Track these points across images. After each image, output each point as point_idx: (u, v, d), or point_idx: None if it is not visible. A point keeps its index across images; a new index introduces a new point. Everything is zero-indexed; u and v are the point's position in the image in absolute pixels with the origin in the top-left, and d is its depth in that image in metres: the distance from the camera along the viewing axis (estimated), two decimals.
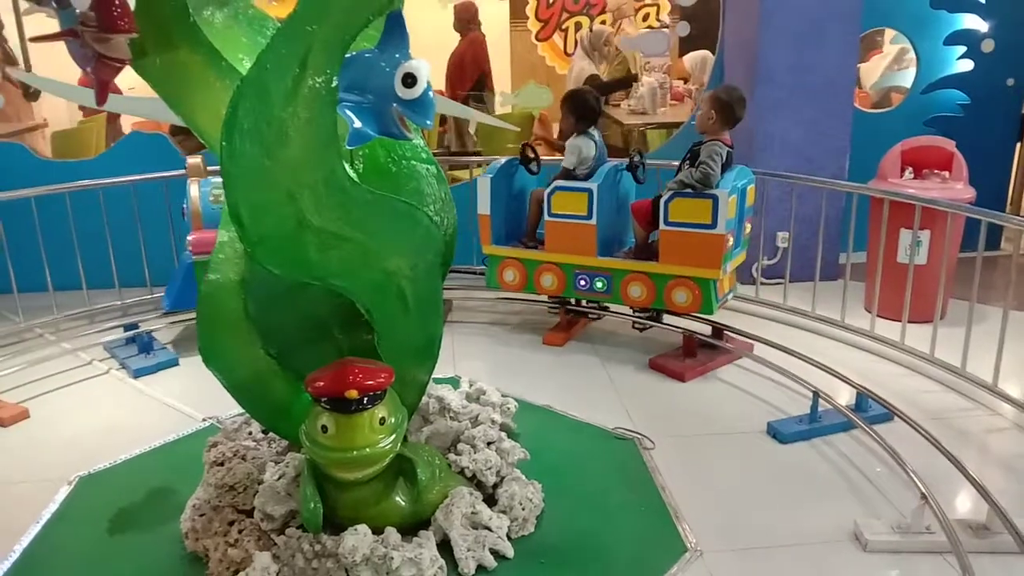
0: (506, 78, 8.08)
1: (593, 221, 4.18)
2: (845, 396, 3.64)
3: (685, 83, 7.31)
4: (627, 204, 4.51)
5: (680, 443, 3.42)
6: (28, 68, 6.79)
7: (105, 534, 2.84)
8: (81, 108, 6.64)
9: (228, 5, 2.44)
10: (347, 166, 2.30)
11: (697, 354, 4.13)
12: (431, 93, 2.13)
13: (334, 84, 2.04)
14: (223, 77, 2.29)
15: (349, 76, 2.10)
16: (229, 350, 2.67)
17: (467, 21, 6.83)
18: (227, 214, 2.61)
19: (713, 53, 5.97)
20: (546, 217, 4.29)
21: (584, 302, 4.58)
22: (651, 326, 4.45)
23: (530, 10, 7.57)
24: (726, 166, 4.03)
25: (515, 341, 4.57)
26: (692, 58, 6.95)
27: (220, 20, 2.41)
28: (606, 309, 4.66)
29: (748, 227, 4.35)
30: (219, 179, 4.07)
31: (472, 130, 6.46)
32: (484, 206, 4.45)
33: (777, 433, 3.38)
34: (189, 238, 4.31)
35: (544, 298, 4.72)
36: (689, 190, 3.96)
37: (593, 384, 3.98)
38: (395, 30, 2.10)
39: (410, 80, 2.06)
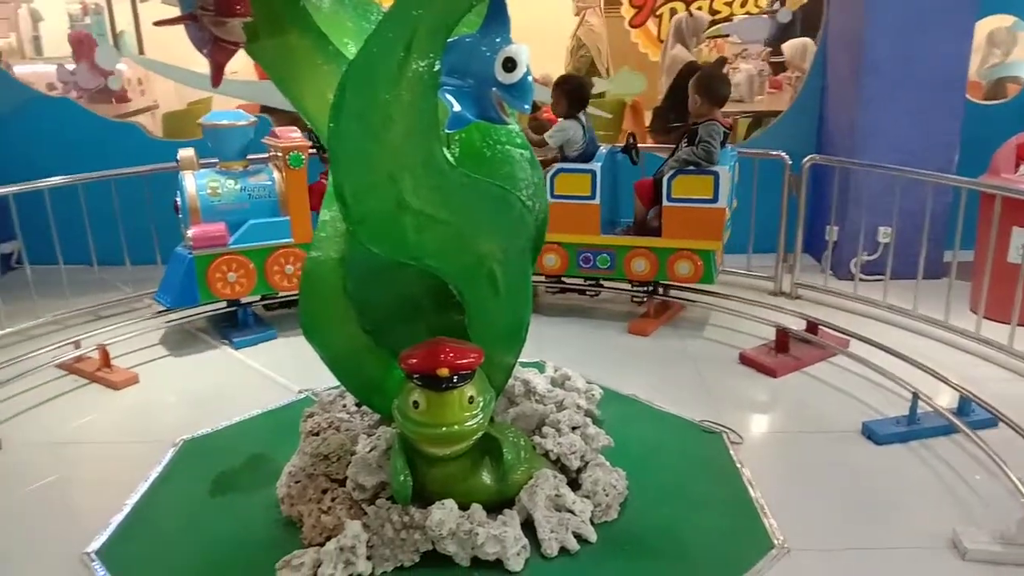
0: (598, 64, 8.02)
1: (596, 201, 4.38)
2: (946, 399, 3.49)
3: (785, 72, 7.09)
4: (622, 185, 4.73)
5: (770, 439, 3.36)
6: (141, 52, 7.18)
7: (206, 495, 3.00)
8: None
9: None
10: (445, 150, 2.34)
11: (790, 349, 4.03)
12: (530, 78, 2.14)
13: (436, 68, 2.08)
14: (330, 61, 2.37)
15: (450, 60, 2.14)
16: (328, 325, 2.77)
17: None
18: (331, 193, 2.70)
19: (815, 41, 5.78)
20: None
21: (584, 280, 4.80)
22: (649, 299, 4.66)
23: None
24: (722, 145, 4.27)
25: (601, 329, 4.56)
26: (792, 46, 6.72)
27: (327, 5, 2.48)
28: (601, 286, 4.85)
29: (735, 203, 4.60)
30: (214, 172, 4.23)
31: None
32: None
33: (872, 434, 3.27)
34: (189, 233, 4.21)
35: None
36: (691, 167, 4.20)
37: (680, 375, 3.93)
38: (497, 15, 2.13)
39: (510, 64, 2.08)
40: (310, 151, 4.47)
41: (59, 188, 4.62)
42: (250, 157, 4.52)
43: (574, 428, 2.95)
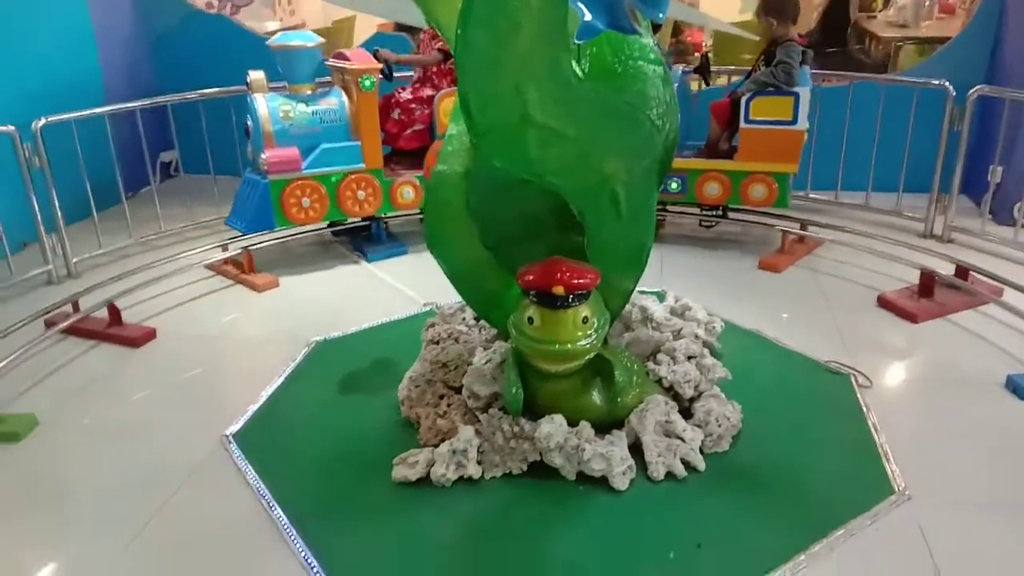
0: None
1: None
2: None
3: None
4: (692, 106, 4.63)
5: (902, 386, 3.19)
6: None
7: (334, 392, 3.19)
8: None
9: None
10: (574, 63, 2.29)
11: (935, 295, 3.76)
12: None
13: None
14: None
15: None
16: (451, 240, 2.82)
17: None
18: (458, 106, 2.71)
19: None
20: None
21: None
22: (718, 222, 4.67)
23: None
24: (802, 63, 4.21)
25: (729, 262, 4.42)
26: None
27: None
28: (724, 216, 4.71)
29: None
30: (284, 95, 4.16)
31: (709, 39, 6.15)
32: None
33: (1017, 388, 3.03)
34: (264, 156, 4.14)
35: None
36: (771, 89, 4.16)
37: (810, 314, 3.77)
38: None
39: None
40: (382, 72, 4.40)
41: (211, 100, 4.88)
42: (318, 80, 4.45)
43: (690, 358, 2.91)
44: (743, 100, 4.23)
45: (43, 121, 4.21)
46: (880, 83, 4.97)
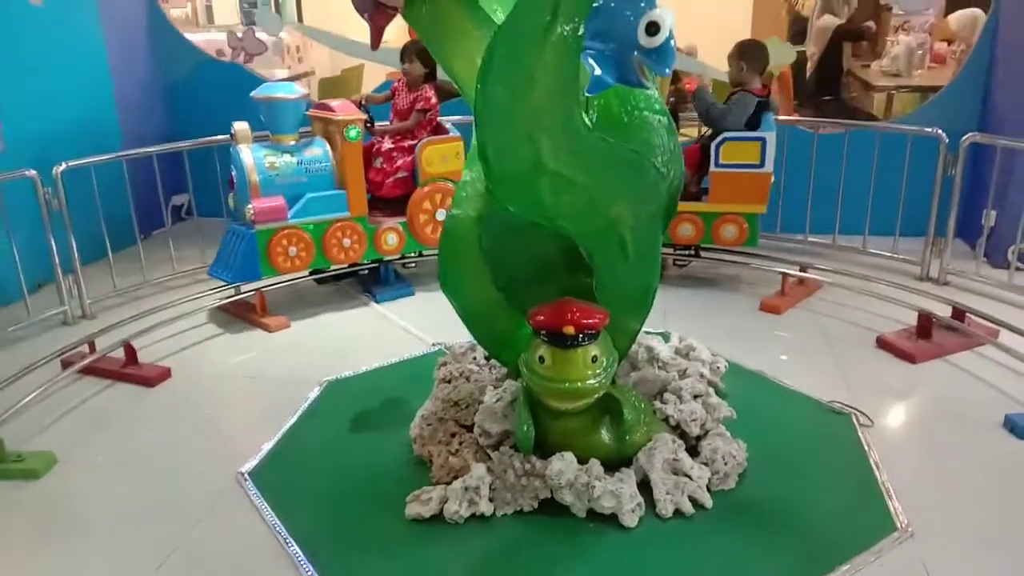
0: (746, 31, 7.78)
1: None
2: None
3: (949, 45, 6.63)
4: None
5: (902, 425, 3.25)
6: (300, 20, 7.61)
7: (346, 430, 3.26)
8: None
9: None
10: (584, 114, 2.41)
11: (933, 336, 3.85)
12: (672, 42, 2.17)
13: (580, 32, 2.15)
14: (479, 26, 2.48)
15: (594, 24, 2.19)
16: (463, 280, 2.92)
17: None
18: (474, 153, 2.83)
19: (986, 12, 5.38)
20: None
21: None
22: (691, 262, 4.89)
23: None
24: (762, 111, 4.44)
25: (731, 304, 4.51)
26: (960, 17, 6.27)
27: None
28: (696, 256, 4.88)
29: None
30: (268, 145, 4.24)
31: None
32: None
33: (1015, 427, 3.10)
34: (250, 206, 4.16)
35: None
36: (738, 134, 4.40)
37: (811, 355, 3.85)
38: None
39: (653, 28, 2.12)
40: (366, 124, 4.49)
41: (224, 145, 5.01)
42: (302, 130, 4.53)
43: (696, 396, 2.98)
44: (713, 145, 4.42)
45: (64, 166, 4.33)
46: (875, 131, 5.12)
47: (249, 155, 4.25)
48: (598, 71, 2.25)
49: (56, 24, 5.11)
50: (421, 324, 4.27)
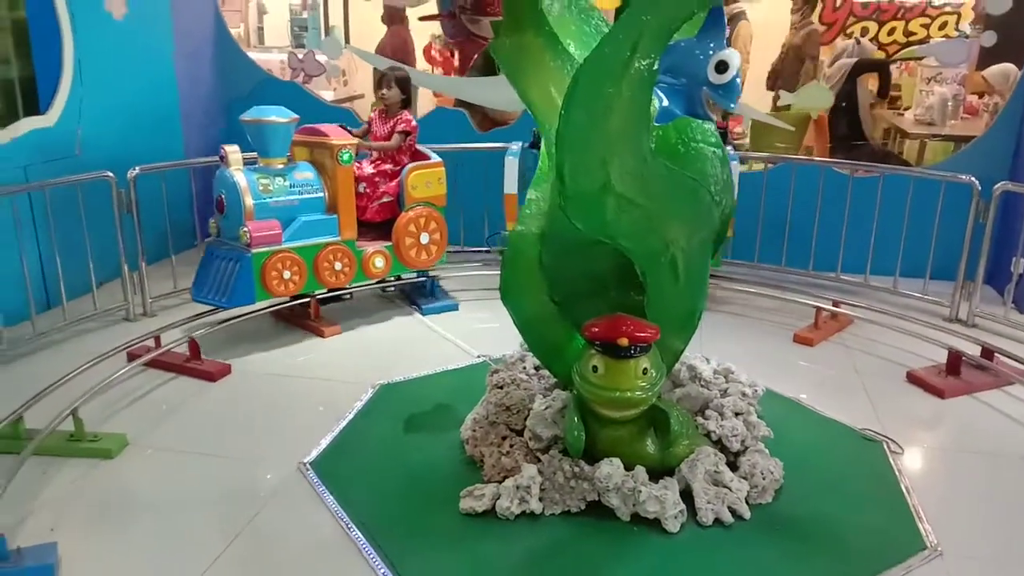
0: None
1: None
2: None
3: (980, 97, 6.82)
4: None
5: (931, 454, 3.38)
6: (347, 42, 7.94)
7: (400, 430, 3.44)
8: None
9: None
10: (650, 142, 2.61)
11: (961, 374, 3.98)
12: (739, 80, 2.38)
13: (655, 67, 2.35)
14: (557, 58, 2.70)
15: (667, 61, 2.41)
16: (522, 291, 3.11)
17: None
18: (540, 174, 3.04)
19: (1019, 67, 5.57)
20: None
21: None
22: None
23: (814, 14, 7.39)
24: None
25: (765, 334, 4.67)
26: (995, 71, 6.46)
27: (556, 9, 2.82)
28: None
29: None
30: (259, 168, 4.30)
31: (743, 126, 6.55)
32: (512, 186, 4.79)
33: None
34: (245, 229, 4.12)
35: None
36: None
37: (843, 387, 3.99)
38: (715, 23, 2.38)
39: (722, 67, 2.33)
40: (358, 149, 4.58)
41: None
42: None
43: (737, 414, 3.13)
44: None
45: (137, 170, 4.58)
46: (910, 176, 5.29)
47: (243, 178, 4.21)
48: (666, 103, 2.46)
49: (133, 37, 5.41)
50: (465, 337, 4.45)
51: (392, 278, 4.89)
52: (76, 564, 2.56)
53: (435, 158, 4.83)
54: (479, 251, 5.68)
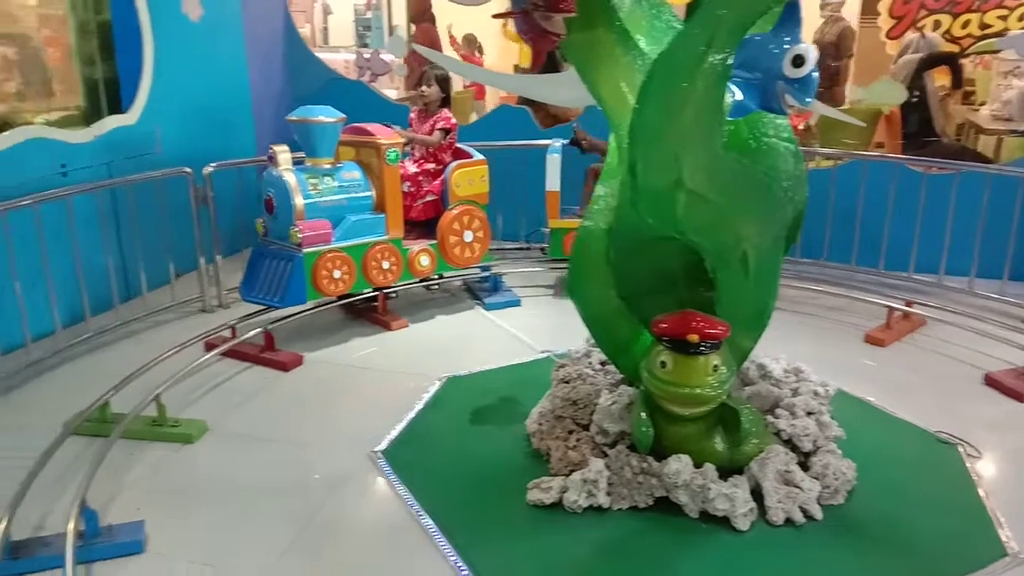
0: (847, 73, 7.83)
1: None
2: None
3: None
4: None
5: (1011, 458, 3.28)
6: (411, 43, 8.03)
7: (466, 423, 3.49)
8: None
9: None
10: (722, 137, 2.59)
11: None
12: (815, 75, 2.35)
13: (729, 62, 2.34)
14: (628, 54, 2.70)
15: (742, 55, 2.39)
16: (590, 287, 3.12)
17: None
18: (608, 169, 3.05)
19: None
20: None
21: None
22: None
23: (883, 6, 7.21)
24: None
25: (834, 334, 4.58)
26: None
27: (627, 5, 2.82)
28: None
29: None
30: (307, 168, 4.29)
31: (813, 121, 6.42)
32: (554, 183, 4.84)
33: None
34: (296, 229, 4.13)
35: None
36: None
37: (917, 388, 3.89)
38: (791, 17, 2.35)
39: (799, 61, 2.31)
40: (405, 147, 4.62)
41: None
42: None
43: (809, 413, 3.08)
44: None
45: (212, 167, 4.74)
46: (987, 173, 5.12)
47: (293, 178, 4.23)
48: (740, 97, 2.45)
49: (208, 39, 5.60)
50: (528, 332, 4.48)
51: (436, 276, 4.90)
52: (160, 542, 2.67)
53: (478, 156, 4.85)
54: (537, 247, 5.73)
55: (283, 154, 4.26)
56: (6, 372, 3.80)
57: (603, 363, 3.51)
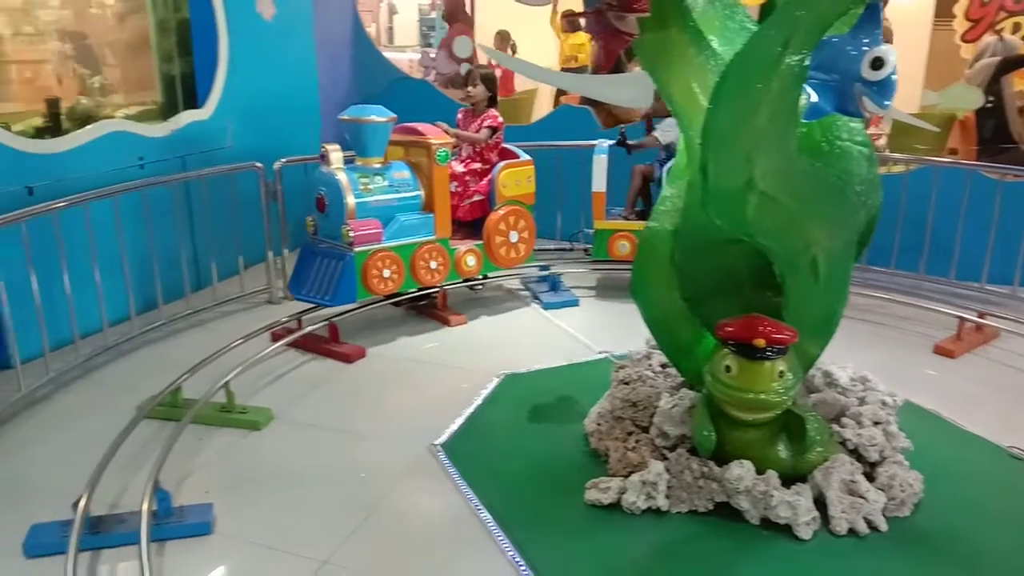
0: (919, 76, 7.62)
1: None
2: None
3: None
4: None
5: None
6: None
7: (524, 420, 3.51)
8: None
9: None
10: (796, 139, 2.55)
11: None
12: (894, 77, 2.30)
13: (806, 64, 2.31)
14: (701, 54, 2.68)
15: (819, 57, 2.36)
16: (653, 288, 3.11)
17: None
18: (676, 170, 3.04)
19: None
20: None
21: None
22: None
23: (959, 8, 6.97)
24: None
25: (902, 344, 4.47)
26: None
27: (700, 5, 2.79)
28: None
29: None
30: (357, 167, 4.30)
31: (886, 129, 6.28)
32: (600, 184, 4.85)
33: None
34: (348, 228, 4.13)
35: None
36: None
37: (988, 402, 3.77)
38: (871, 19, 2.31)
39: (878, 63, 2.26)
40: (453, 148, 4.63)
41: None
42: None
43: (876, 423, 3.02)
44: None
45: (282, 162, 4.86)
46: None
47: (345, 177, 4.23)
48: (815, 99, 2.41)
49: (280, 37, 5.74)
50: (586, 333, 4.48)
51: (480, 277, 4.90)
52: (226, 524, 2.76)
53: (524, 156, 4.84)
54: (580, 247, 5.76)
55: (335, 153, 4.28)
56: (85, 355, 3.96)
57: (664, 365, 3.49)
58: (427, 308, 4.77)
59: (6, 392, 3.54)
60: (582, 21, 4.68)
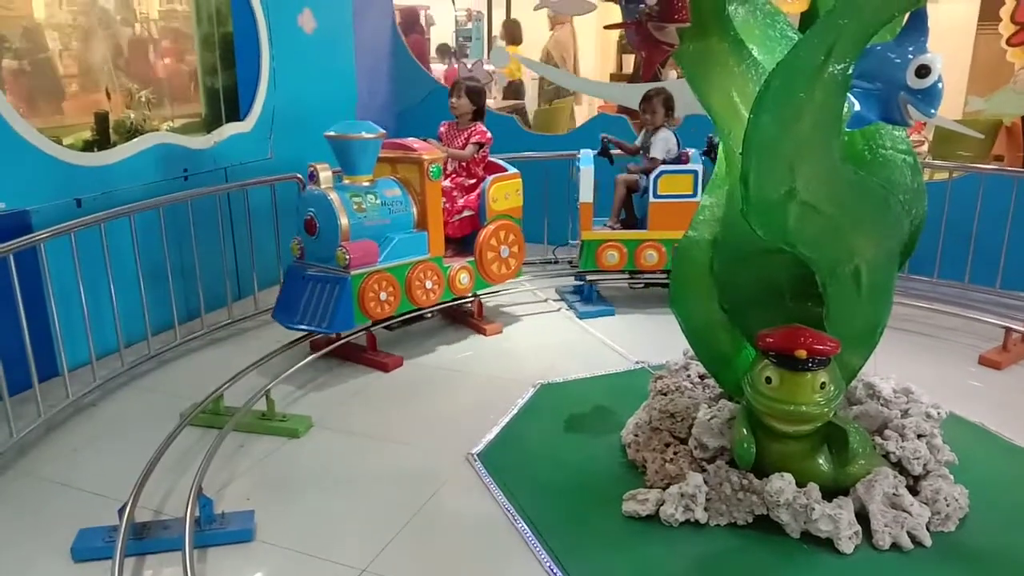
0: (963, 82, 7.50)
1: (698, 199, 4.29)
2: None
3: None
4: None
5: None
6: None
7: (560, 429, 3.50)
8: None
9: (749, 1, 2.81)
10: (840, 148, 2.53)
11: None
12: (940, 85, 2.27)
13: (849, 72, 2.29)
14: (741, 63, 2.67)
15: (862, 65, 2.33)
16: (692, 299, 3.09)
17: None
18: (716, 179, 3.02)
19: None
20: (651, 199, 4.82)
21: None
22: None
23: (1005, 12, 6.82)
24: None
25: (947, 355, 4.38)
26: None
27: (741, 14, 2.79)
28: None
29: None
30: (348, 186, 4.15)
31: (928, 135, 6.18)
32: (587, 194, 4.87)
33: None
34: (343, 250, 3.91)
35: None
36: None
37: None
38: (917, 26, 2.28)
39: (924, 71, 2.23)
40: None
41: None
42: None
43: (920, 436, 2.96)
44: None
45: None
46: None
47: (337, 197, 4.01)
48: (857, 107, 2.39)
49: (320, 50, 5.82)
50: (622, 343, 4.46)
51: (472, 295, 4.75)
52: (267, 531, 2.80)
53: (511, 169, 4.74)
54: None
55: (324, 172, 4.03)
56: (129, 363, 4.05)
57: (702, 376, 3.47)
58: (464, 317, 4.79)
59: (55, 399, 3.63)
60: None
